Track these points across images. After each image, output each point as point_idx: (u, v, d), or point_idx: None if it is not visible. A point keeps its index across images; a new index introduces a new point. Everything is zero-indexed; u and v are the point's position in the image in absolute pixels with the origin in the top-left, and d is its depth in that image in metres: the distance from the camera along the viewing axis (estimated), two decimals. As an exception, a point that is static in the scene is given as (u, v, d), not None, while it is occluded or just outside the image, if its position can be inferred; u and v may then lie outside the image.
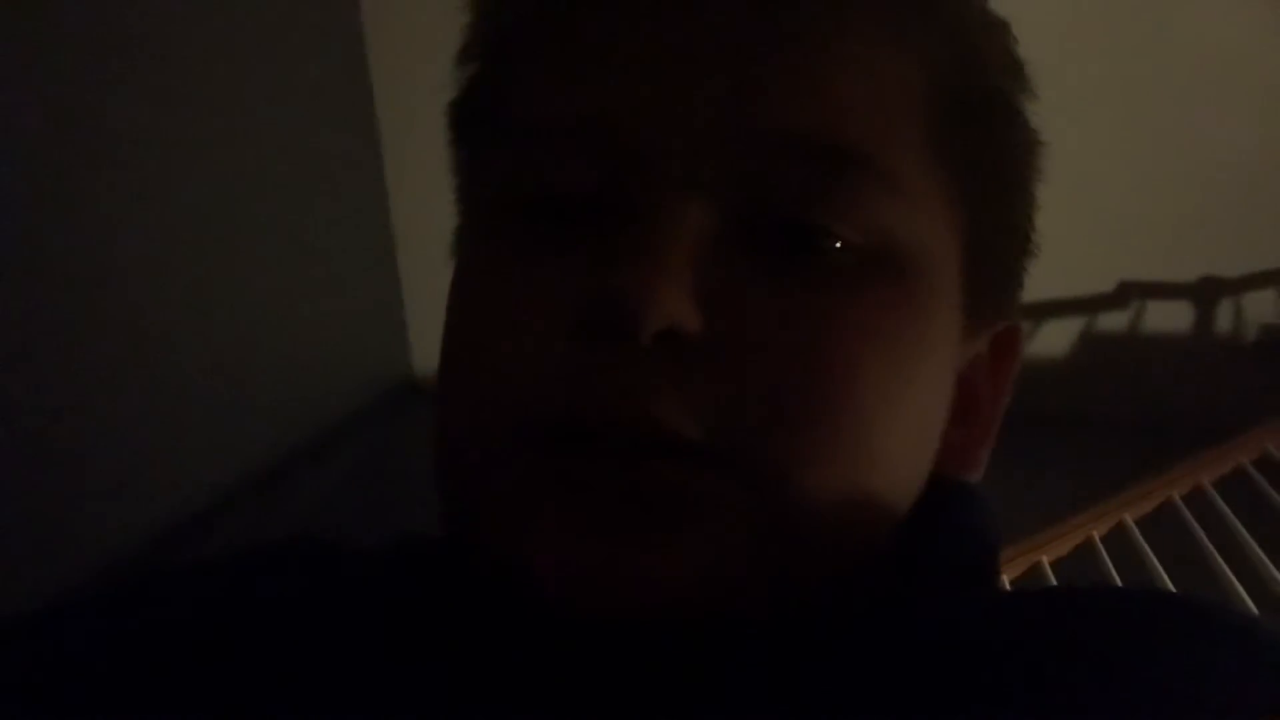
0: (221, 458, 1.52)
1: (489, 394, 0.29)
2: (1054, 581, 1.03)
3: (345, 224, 1.88)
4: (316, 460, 1.73)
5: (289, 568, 0.34)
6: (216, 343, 1.51)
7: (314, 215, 1.75)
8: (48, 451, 1.22)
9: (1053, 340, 1.77)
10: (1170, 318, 1.74)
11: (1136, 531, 1.07)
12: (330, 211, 1.81)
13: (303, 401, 1.72)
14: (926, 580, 0.30)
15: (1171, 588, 0.96)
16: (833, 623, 0.27)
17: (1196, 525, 1.05)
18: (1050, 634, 0.25)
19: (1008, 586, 1.02)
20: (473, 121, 0.36)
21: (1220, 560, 0.98)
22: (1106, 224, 1.64)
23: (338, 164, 1.84)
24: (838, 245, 0.28)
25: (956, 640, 0.25)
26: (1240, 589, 0.93)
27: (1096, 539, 1.07)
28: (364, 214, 1.93)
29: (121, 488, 1.32)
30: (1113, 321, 1.76)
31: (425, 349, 2.03)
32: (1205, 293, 1.71)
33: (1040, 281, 0.38)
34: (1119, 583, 1.00)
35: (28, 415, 1.19)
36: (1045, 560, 1.05)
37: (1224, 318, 1.72)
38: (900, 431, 0.30)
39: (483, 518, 0.29)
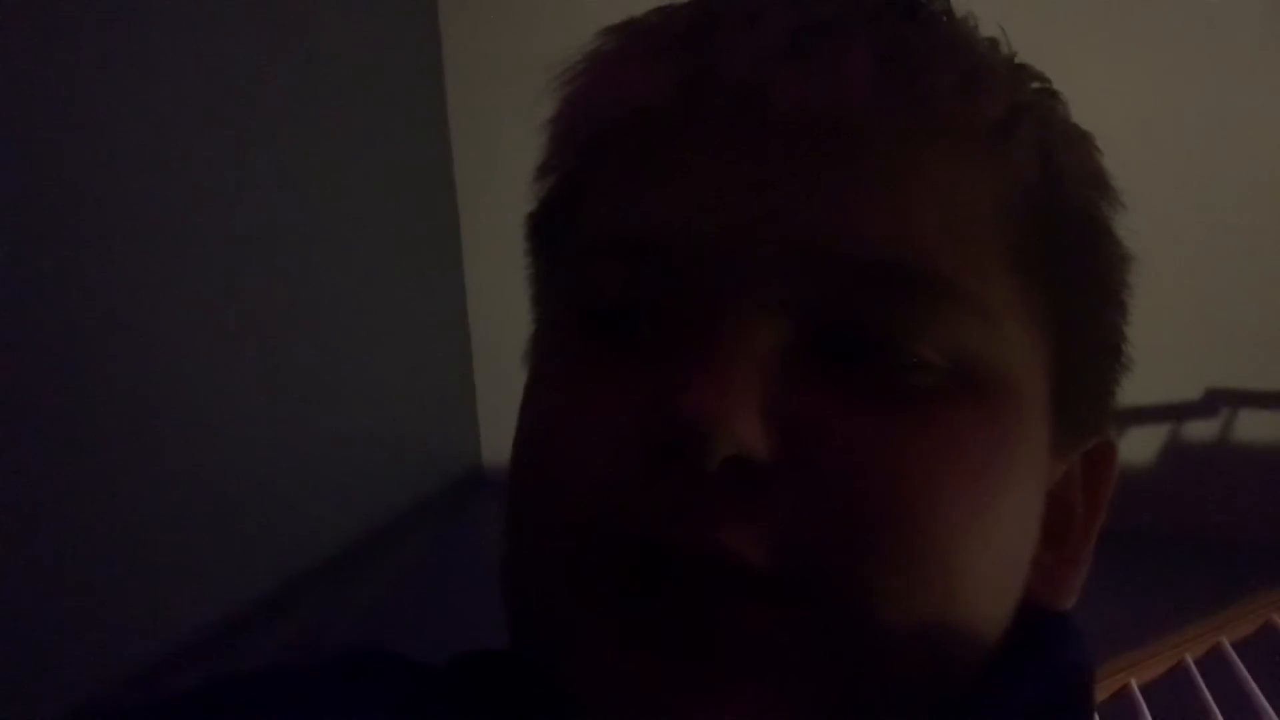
0: (288, 543, 1.54)
1: (554, 515, 0.29)
2: (1144, 705, 0.97)
3: (420, 310, 1.93)
4: (383, 548, 1.74)
5: (360, 693, 0.33)
6: (285, 426, 1.55)
7: (388, 299, 1.80)
8: (118, 534, 1.25)
9: (1137, 449, 1.71)
10: (1263, 428, 1.66)
11: (1234, 655, 1.00)
12: (405, 296, 1.86)
13: (371, 489, 1.75)
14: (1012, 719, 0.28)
15: (1274, 716, 0.90)
16: None
17: (1300, 651, 0.98)
18: None
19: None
20: (548, 235, 0.36)
21: (1329, 690, 0.91)
22: (1193, 328, 1.60)
23: (415, 250, 1.90)
24: (916, 364, 0.27)
25: None
26: (1352, 722, 0.86)
27: (1190, 662, 1.01)
28: (439, 300, 1.98)
29: (187, 575, 1.34)
30: (1201, 431, 1.69)
31: (494, 440, 2.05)
32: (1300, 403, 1.64)
33: (1123, 386, 0.37)
34: (1216, 709, 0.94)
35: (95, 494, 1.23)
36: (1134, 683, 1.00)
37: (1320, 429, 1.64)
38: (986, 560, 0.28)
39: (545, 640, 0.29)
